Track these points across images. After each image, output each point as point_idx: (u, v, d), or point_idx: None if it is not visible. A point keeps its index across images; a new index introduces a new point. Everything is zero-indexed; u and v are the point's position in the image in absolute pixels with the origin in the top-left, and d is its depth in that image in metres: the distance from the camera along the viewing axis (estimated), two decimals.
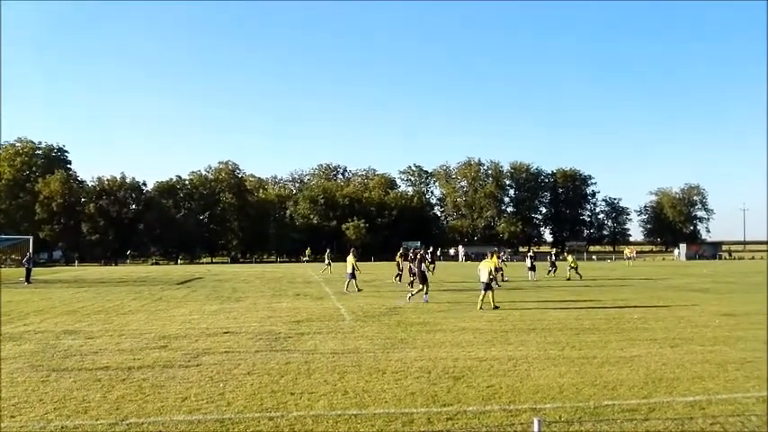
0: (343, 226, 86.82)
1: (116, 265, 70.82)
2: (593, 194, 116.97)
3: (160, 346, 11.36)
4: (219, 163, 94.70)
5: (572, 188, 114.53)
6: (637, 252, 40.15)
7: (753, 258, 77.86)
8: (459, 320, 14.84)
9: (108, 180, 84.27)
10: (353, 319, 15.28)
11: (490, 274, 17.85)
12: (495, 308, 17.12)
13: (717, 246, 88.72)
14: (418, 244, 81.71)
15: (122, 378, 8.63)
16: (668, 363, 9.59)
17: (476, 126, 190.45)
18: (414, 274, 22.47)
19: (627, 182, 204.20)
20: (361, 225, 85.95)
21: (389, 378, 8.57)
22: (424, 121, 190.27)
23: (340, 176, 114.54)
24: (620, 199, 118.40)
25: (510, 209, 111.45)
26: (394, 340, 11.87)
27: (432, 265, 32.32)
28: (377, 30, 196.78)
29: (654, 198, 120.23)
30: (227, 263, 76.74)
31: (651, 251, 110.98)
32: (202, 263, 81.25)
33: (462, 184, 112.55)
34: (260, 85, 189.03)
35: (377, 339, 11.99)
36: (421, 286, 19.75)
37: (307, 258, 41.64)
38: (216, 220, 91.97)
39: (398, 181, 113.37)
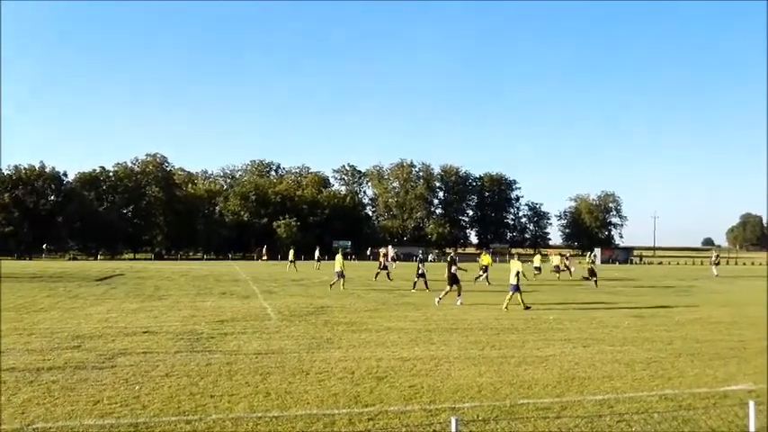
0: (275, 224, 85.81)
1: (30, 259, 67.26)
2: (518, 199, 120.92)
3: (73, 346, 10.91)
4: (147, 155, 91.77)
5: (498, 192, 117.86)
6: (567, 256, 41.49)
7: (661, 263, 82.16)
8: (385, 320, 14.99)
9: (25, 169, 79.90)
10: (280, 318, 15.17)
11: (517, 275, 18.13)
12: (527, 308, 17.58)
13: (629, 251, 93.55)
14: (349, 243, 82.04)
15: (30, 380, 8.24)
16: (580, 362, 10.03)
17: (409, 128, 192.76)
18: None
19: (549, 187, 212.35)
20: (293, 223, 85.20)
21: (313, 379, 8.57)
22: (361, 120, 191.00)
23: (273, 173, 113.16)
24: (541, 204, 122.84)
25: (439, 210, 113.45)
26: (319, 340, 11.87)
27: (393, 265, 32.97)
28: (315, 27, 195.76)
29: (573, 204, 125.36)
30: (150, 259, 74.26)
31: (570, 255, 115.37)
32: (124, 259, 78.49)
33: (394, 184, 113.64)
34: (194, 75, 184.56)
35: (302, 339, 11.95)
36: (449, 288, 19.62)
37: (291, 260, 41.91)
38: (141, 215, 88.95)
39: (332, 180, 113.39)
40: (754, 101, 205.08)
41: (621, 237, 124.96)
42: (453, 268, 20.01)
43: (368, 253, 74.66)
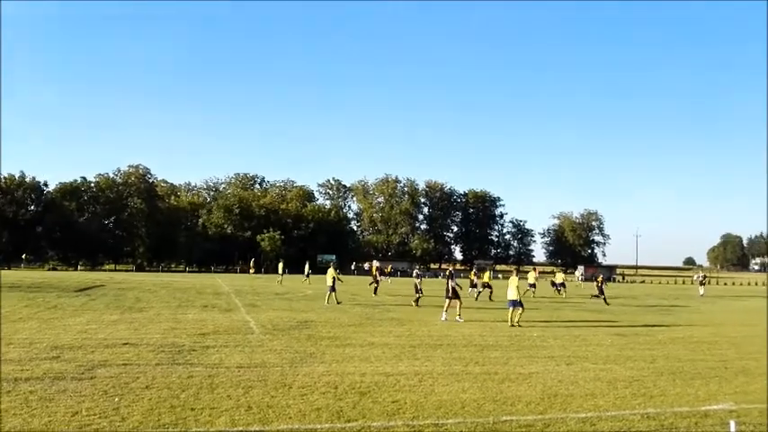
0: (258, 237, 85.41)
1: (9, 269, 66.26)
2: (502, 216, 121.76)
3: (52, 356, 10.72)
4: (129, 166, 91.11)
5: (482, 209, 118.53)
6: (540, 272, 41.76)
7: (643, 282, 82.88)
8: (368, 335, 14.92)
9: (5, 178, 79.01)
10: (262, 332, 15.04)
11: (518, 291, 18.21)
12: (515, 326, 17.62)
13: (612, 269, 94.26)
14: (333, 258, 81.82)
15: (7, 390, 8.08)
16: (563, 380, 10.04)
17: (395, 143, 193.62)
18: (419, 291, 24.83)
19: (533, 205, 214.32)
20: (277, 236, 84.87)
21: (295, 393, 8.49)
22: (345, 135, 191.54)
23: (257, 186, 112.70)
24: (525, 221, 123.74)
25: (423, 226, 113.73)
26: (302, 354, 11.78)
27: (389, 280, 33.20)
28: (300, 39, 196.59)
29: (556, 222, 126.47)
30: (131, 271, 73.53)
31: (552, 272, 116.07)
32: (105, 270, 77.55)
33: (379, 199, 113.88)
34: (180, 87, 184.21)
35: (285, 353, 11.85)
36: (449, 301, 19.58)
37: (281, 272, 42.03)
38: (122, 226, 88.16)
39: (317, 194, 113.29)
40: (738, 123, 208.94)
41: (604, 255, 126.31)
42: (452, 283, 20.06)
43: (352, 267, 74.47)
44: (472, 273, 35.18)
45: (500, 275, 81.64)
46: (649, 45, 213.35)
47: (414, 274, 26.45)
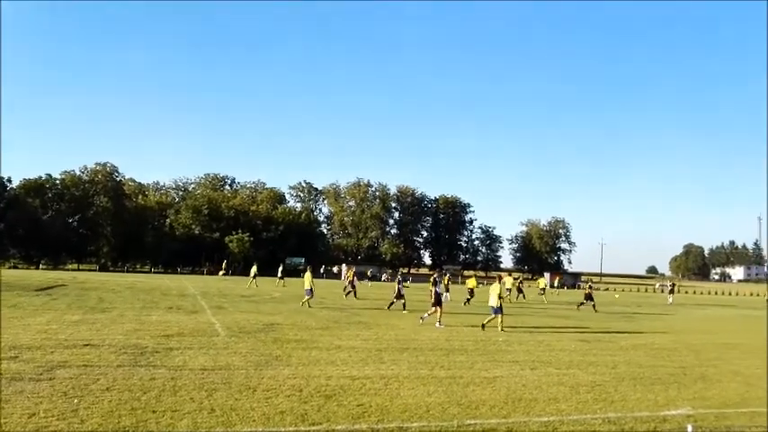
0: (227, 238, 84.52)
1: None
2: (471, 222, 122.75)
3: (10, 356, 10.45)
4: (96, 164, 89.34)
5: (452, 215, 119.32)
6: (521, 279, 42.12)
7: (607, 290, 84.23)
8: (335, 339, 14.89)
9: None
10: (228, 334, 14.89)
11: (499, 297, 18.51)
12: (504, 330, 17.90)
13: (577, 276, 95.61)
14: (302, 260, 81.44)
15: None
16: (527, 384, 10.15)
17: (367, 147, 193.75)
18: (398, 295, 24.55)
19: (501, 212, 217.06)
20: (246, 238, 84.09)
21: (260, 396, 8.43)
22: (318, 138, 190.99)
23: (227, 187, 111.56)
24: (494, 227, 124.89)
25: (394, 230, 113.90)
26: (268, 357, 11.70)
27: (369, 284, 33.33)
28: (272, 42, 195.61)
29: (524, 229, 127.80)
30: (95, 270, 72.11)
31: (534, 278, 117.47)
32: (68, 269, 75.84)
33: (350, 203, 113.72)
34: (149, 85, 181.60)
35: (250, 356, 11.75)
36: (433, 309, 19.53)
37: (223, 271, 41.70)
38: (87, 225, 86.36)
39: (288, 196, 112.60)
40: (702, 138, 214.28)
41: (570, 262, 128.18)
42: (437, 288, 20.10)
43: (321, 271, 74.16)
44: (446, 278, 35.51)
45: (484, 282, 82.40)
46: (616, 55, 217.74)
47: (397, 279, 26.36)
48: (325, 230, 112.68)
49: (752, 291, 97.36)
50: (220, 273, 60.99)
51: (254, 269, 42.71)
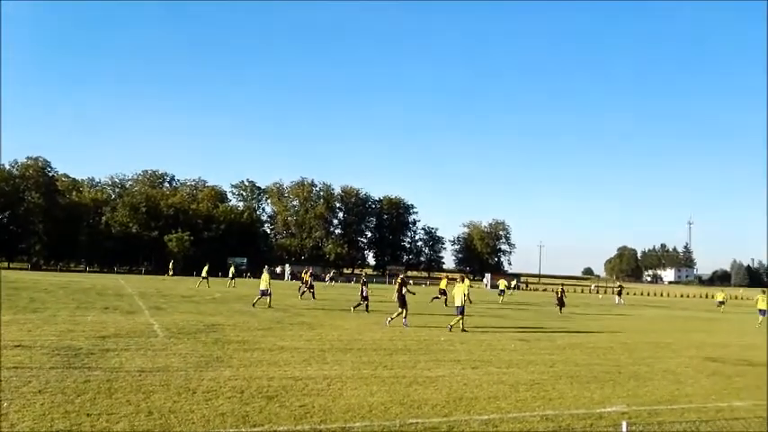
0: (166, 237, 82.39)
1: None
2: (414, 223, 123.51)
3: None
4: (27, 158, 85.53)
5: (396, 215, 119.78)
6: (449, 279, 42.77)
7: (546, 290, 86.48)
8: (278, 339, 14.73)
9: None
10: (167, 335, 14.51)
11: (464, 298, 18.81)
12: (464, 331, 18.23)
13: (516, 277, 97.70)
14: (245, 260, 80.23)
15: None
16: (468, 383, 10.31)
17: (311, 147, 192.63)
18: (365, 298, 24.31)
19: (445, 213, 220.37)
20: (186, 237, 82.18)
21: (200, 398, 8.25)
22: (261, 136, 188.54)
23: (166, 185, 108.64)
24: (437, 228, 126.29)
25: (338, 231, 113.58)
26: (209, 358, 11.46)
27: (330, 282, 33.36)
28: (219, 37, 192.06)
29: (466, 230, 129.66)
30: (26, 269, 69.03)
31: (452, 279, 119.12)
32: None
33: (294, 203, 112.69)
34: (87, 76, 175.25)
35: (190, 357, 11.49)
36: (400, 310, 19.54)
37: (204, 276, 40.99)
38: (17, 221, 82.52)
39: (230, 195, 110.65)
40: (639, 143, 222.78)
41: (510, 263, 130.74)
42: (403, 290, 20.27)
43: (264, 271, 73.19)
44: (365, 274, 35.88)
45: (410, 282, 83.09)
46: (555, 57, 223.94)
47: (362, 281, 26.12)
48: (268, 230, 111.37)
49: (682, 292, 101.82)
50: (169, 273, 59.70)
51: (205, 269, 42.18)
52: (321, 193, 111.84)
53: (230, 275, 45.67)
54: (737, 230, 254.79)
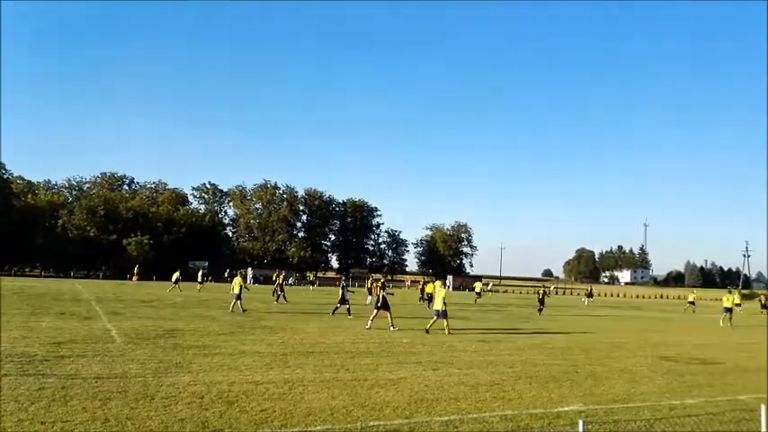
0: (125, 241, 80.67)
1: None
2: (378, 226, 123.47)
3: None
4: None
5: (360, 218, 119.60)
6: (412, 281, 43.20)
7: (506, 291, 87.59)
8: (239, 343, 14.61)
9: None
10: (125, 341, 14.25)
11: (443, 301, 19.06)
12: (449, 333, 18.57)
13: (478, 279, 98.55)
14: (206, 264, 79.09)
15: None
16: (430, 384, 10.41)
17: (274, 150, 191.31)
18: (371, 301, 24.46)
19: (408, 216, 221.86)
20: (145, 241, 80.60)
21: (158, 404, 8.14)
22: (224, 138, 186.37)
23: (125, 187, 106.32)
24: (400, 231, 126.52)
25: (301, 234, 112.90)
26: (168, 364, 11.31)
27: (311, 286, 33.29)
28: (178, 37, 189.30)
29: (429, 233, 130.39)
30: None
31: (414, 282, 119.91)
32: None
33: (257, 206, 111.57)
34: (42, 76, 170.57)
35: (149, 363, 11.31)
36: (377, 311, 19.90)
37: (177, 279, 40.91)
38: None
39: (191, 198, 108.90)
40: (593, 146, 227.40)
41: (471, 265, 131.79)
42: (383, 292, 20.49)
43: (225, 275, 72.31)
44: (369, 281, 36.02)
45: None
46: (513, 59, 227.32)
47: (341, 284, 25.97)
48: (230, 233, 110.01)
49: (638, 293, 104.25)
50: (134, 278, 58.74)
51: (175, 275, 41.94)
52: (284, 196, 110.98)
53: (199, 279, 45.51)
54: (692, 232, 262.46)
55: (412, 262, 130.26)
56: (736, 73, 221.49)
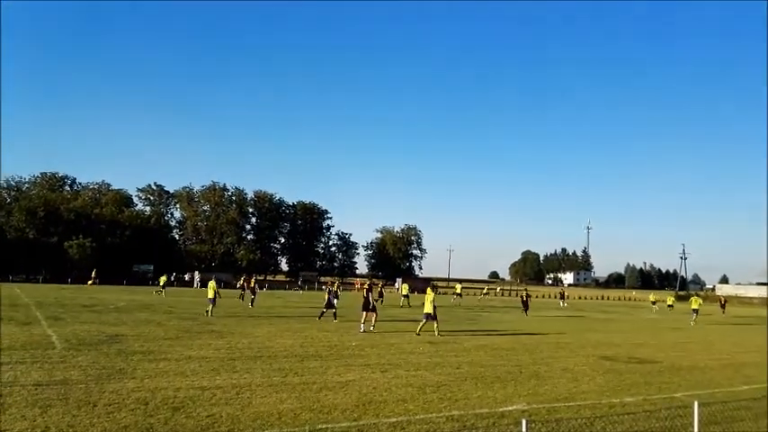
0: (66, 243, 77.98)
1: None
2: (329, 228, 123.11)
3: None
4: None
5: (310, 221, 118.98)
6: (360, 284, 43.71)
7: (455, 293, 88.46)
8: (185, 349, 14.40)
9: None
10: (66, 347, 13.86)
11: (432, 305, 19.98)
12: (439, 334, 19.46)
13: (427, 281, 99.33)
14: (151, 267, 77.29)
15: None
16: (378, 387, 10.53)
17: (223, 151, 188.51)
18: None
19: (358, 218, 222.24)
20: (87, 243, 78.12)
21: (101, 411, 7.99)
22: (171, 139, 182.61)
23: (67, 188, 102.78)
24: (350, 234, 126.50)
25: (250, 236, 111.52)
26: (111, 370, 11.08)
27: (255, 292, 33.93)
28: (123, 36, 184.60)
29: (379, 235, 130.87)
30: None
31: (373, 283, 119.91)
32: None
33: (205, 208, 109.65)
34: None
35: (91, 369, 11.06)
36: (365, 314, 20.55)
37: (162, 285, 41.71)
38: None
39: (136, 199, 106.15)
40: (540, 153, 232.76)
41: (421, 268, 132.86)
42: (370, 295, 21.10)
43: (172, 279, 70.83)
44: (331, 282, 36.14)
45: (323, 288, 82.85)
46: (462, 63, 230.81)
47: (328, 289, 25.81)
48: (177, 236, 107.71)
49: (580, 294, 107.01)
50: (89, 282, 57.37)
51: (163, 279, 44.38)
52: (233, 198, 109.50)
53: (161, 284, 45.72)
54: (631, 236, 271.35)
55: (362, 264, 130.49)
56: (683, 75, 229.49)
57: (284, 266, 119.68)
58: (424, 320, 19.96)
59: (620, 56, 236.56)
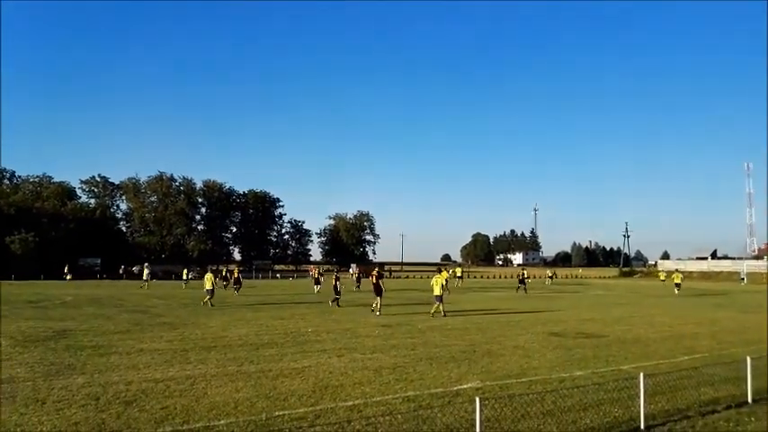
0: (7, 239, 75.01)
1: None
2: (281, 216, 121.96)
3: None
4: None
5: (262, 210, 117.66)
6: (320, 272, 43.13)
7: (408, 277, 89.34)
8: (137, 342, 14.14)
9: None
10: (11, 344, 13.44)
11: (442, 287, 21.79)
12: (444, 315, 20.76)
13: (381, 266, 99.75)
14: (98, 261, 75.22)
15: None
16: (334, 371, 10.58)
17: (170, 141, 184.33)
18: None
19: (310, 206, 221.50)
20: (30, 238, 75.36)
21: (50, 408, 7.80)
22: (116, 126, 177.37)
23: (6, 182, 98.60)
24: (303, 221, 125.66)
25: (201, 227, 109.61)
26: (59, 366, 10.80)
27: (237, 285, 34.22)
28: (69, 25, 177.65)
29: (332, 222, 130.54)
30: None
31: (328, 270, 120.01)
32: None
33: (152, 199, 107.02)
34: None
35: (38, 366, 10.76)
36: (379, 299, 22.12)
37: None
38: None
39: (79, 192, 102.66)
40: (491, 134, 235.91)
41: (375, 253, 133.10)
42: (379, 281, 22.62)
43: (120, 271, 69.11)
44: (315, 270, 37.36)
45: (278, 275, 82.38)
46: (423, 52, 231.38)
47: (334, 277, 27.57)
48: (124, 228, 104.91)
49: (529, 273, 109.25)
50: (68, 277, 55.76)
51: (185, 272, 47.13)
52: (182, 188, 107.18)
53: (144, 277, 44.38)
54: (577, 216, 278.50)
55: (316, 251, 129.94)
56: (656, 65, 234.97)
57: (237, 256, 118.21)
58: (437, 303, 21.47)
59: (545, 30, 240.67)
